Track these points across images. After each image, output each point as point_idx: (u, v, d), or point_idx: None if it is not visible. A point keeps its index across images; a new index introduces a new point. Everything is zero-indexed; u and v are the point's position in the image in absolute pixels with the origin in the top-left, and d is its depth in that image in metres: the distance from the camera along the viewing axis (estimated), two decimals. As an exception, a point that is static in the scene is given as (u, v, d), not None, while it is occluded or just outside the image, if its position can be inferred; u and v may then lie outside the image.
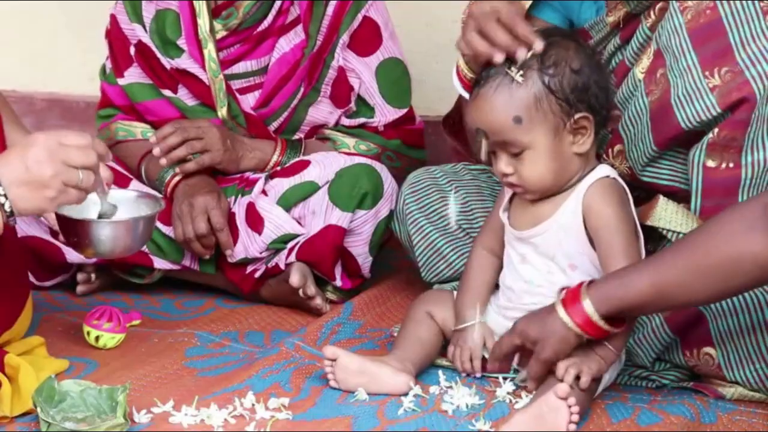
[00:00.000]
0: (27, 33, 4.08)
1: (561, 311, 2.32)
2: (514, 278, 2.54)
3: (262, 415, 2.36)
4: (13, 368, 2.41)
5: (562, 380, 2.32)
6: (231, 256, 3.02)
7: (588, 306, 2.30)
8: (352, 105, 3.17)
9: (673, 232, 2.48)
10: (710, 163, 2.43)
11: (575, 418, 2.27)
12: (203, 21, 3.11)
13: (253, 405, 2.39)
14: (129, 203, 2.52)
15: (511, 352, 2.44)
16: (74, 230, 2.42)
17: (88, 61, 3.84)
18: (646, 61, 2.51)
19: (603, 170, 2.48)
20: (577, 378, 2.34)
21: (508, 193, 2.56)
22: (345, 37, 3.14)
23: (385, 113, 3.18)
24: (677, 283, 2.23)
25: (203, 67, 3.11)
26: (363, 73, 3.16)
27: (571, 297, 2.32)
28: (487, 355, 2.53)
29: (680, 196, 2.50)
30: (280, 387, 2.49)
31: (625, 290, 2.27)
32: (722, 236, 2.19)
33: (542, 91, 2.39)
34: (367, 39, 3.16)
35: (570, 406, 2.26)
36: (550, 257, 2.48)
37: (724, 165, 2.42)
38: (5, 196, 2.20)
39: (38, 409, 2.29)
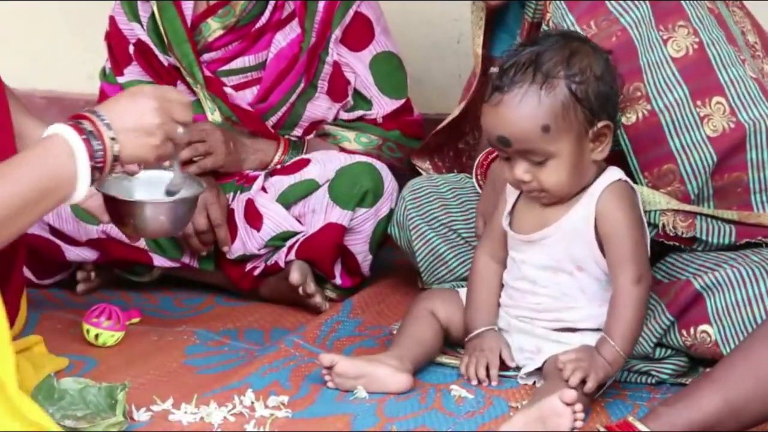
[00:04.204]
0: (26, 31, 4.07)
1: None
2: (517, 277, 2.52)
3: (261, 413, 2.36)
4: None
5: (567, 380, 2.32)
6: (229, 253, 3.03)
7: None
8: (350, 99, 3.17)
9: (653, 212, 2.51)
10: (627, 120, 2.50)
11: (579, 424, 2.26)
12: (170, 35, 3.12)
13: (252, 403, 2.39)
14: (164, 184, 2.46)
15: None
16: (127, 209, 2.39)
17: (87, 60, 3.84)
18: None
19: (614, 173, 2.45)
20: (583, 381, 2.33)
21: (511, 198, 2.53)
22: (338, 32, 3.14)
23: (382, 104, 3.19)
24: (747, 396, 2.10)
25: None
26: (357, 66, 3.17)
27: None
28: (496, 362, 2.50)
29: (624, 158, 2.55)
30: (280, 385, 2.49)
31: (691, 411, 2.12)
32: None
33: (569, 99, 2.36)
34: (359, 34, 3.17)
35: (575, 412, 2.25)
36: (557, 260, 2.46)
37: (640, 116, 2.50)
38: (115, 139, 2.23)
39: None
